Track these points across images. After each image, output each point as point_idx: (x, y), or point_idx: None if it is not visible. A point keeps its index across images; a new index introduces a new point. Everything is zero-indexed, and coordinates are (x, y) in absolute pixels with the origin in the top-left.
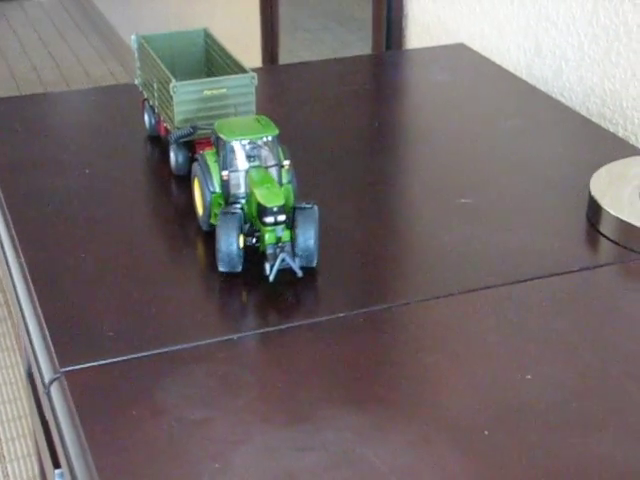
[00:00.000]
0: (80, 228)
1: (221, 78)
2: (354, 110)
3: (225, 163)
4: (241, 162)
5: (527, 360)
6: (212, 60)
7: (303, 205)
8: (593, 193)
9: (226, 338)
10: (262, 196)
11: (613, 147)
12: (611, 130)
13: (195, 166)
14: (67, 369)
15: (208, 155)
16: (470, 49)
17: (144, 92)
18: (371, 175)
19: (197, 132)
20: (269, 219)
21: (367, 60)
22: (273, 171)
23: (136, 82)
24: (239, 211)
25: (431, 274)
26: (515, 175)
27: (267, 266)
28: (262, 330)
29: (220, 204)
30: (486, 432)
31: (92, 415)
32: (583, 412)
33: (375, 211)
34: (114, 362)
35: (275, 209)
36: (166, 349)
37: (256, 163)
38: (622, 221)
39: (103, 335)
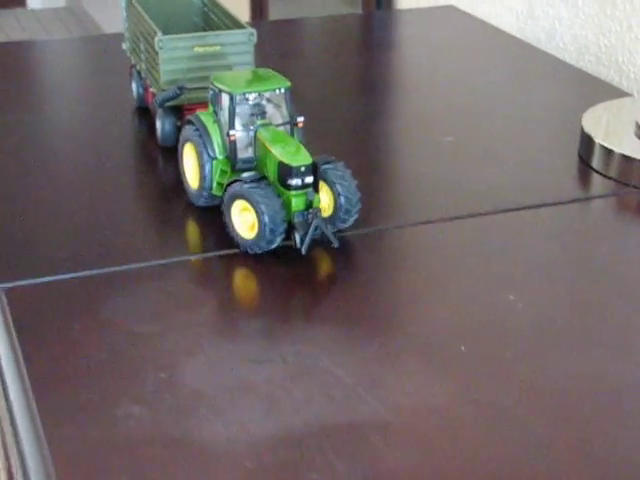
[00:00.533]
0: (46, 161)
1: (215, 33)
2: (346, 62)
3: (231, 121)
4: (248, 120)
5: (510, 282)
6: (210, 23)
7: (329, 160)
8: (585, 128)
9: (184, 259)
10: (284, 155)
11: (606, 92)
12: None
13: (186, 130)
14: (8, 285)
15: (204, 115)
16: (461, 10)
17: (131, 57)
18: (361, 117)
19: (184, 94)
20: (296, 181)
21: (357, 18)
22: (284, 130)
23: (123, 47)
24: (262, 176)
25: (415, 202)
26: (505, 118)
27: (297, 237)
28: (224, 252)
29: (225, 172)
30: (463, 348)
31: (30, 329)
32: (568, 330)
33: (364, 148)
34: (60, 279)
35: (303, 169)
36: (117, 268)
37: (265, 121)
38: (615, 153)
39: (52, 255)
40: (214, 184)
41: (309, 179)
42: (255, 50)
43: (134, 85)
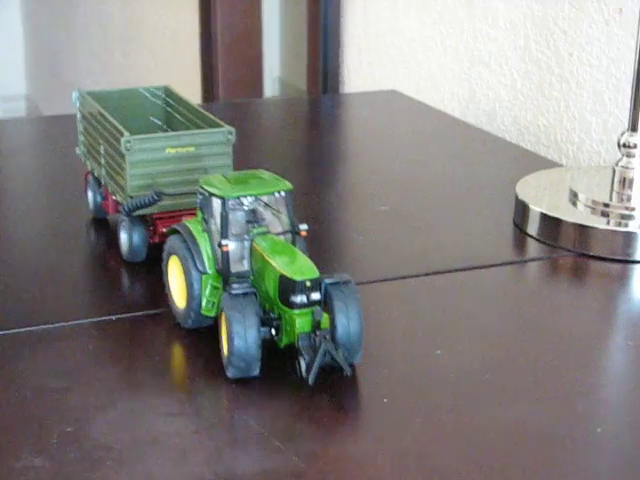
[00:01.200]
0: None
1: (190, 132)
2: (294, 139)
3: (224, 229)
4: (243, 228)
5: (439, 338)
6: (172, 123)
7: (336, 279)
8: (520, 196)
9: (104, 319)
10: (286, 267)
11: (544, 165)
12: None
13: (171, 241)
14: None
15: (192, 224)
16: (405, 95)
17: (87, 163)
18: (304, 189)
19: (162, 200)
20: (300, 298)
21: (306, 101)
22: (285, 240)
23: (77, 152)
24: (252, 290)
25: (347, 266)
26: (441, 189)
27: (302, 363)
28: (140, 313)
29: (216, 288)
30: (385, 400)
31: None
32: (496, 382)
33: (304, 216)
34: None
35: (308, 284)
36: (36, 327)
37: (263, 229)
38: (549, 218)
39: None
40: (204, 303)
41: (316, 295)
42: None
43: (90, 194)
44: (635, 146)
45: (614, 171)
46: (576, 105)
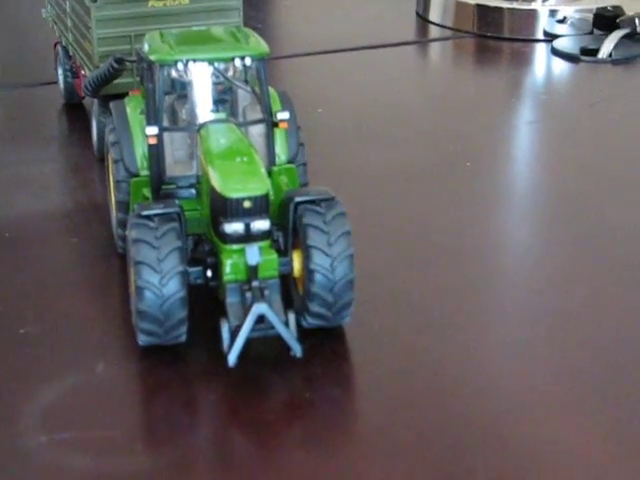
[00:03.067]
0: None
1: None
2: None
3: (152, 109)
4: (192, 112)
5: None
6: None
7: (310, 195)
8: None
9: None
10: (222, 176)
11: None
12: None
13: (107, 123)
14: None
15: (131, 102)
16: None
17: (55, 27)
18: None
19: (124, 70)
20: (232, 226)
21: None
22: (255, 134)
23: (44, 14)
24: (174, 209)
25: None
26: None
27: (224, 331)
28: None
29: (147, 198)
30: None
31: None
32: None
33: None
34: None
35: (247, 204)
36: None
37: (221, 114)
38: (449, 1)
39: None
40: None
41: (259, 224)
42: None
43: (60, 71)
44: None
45: None
46: None
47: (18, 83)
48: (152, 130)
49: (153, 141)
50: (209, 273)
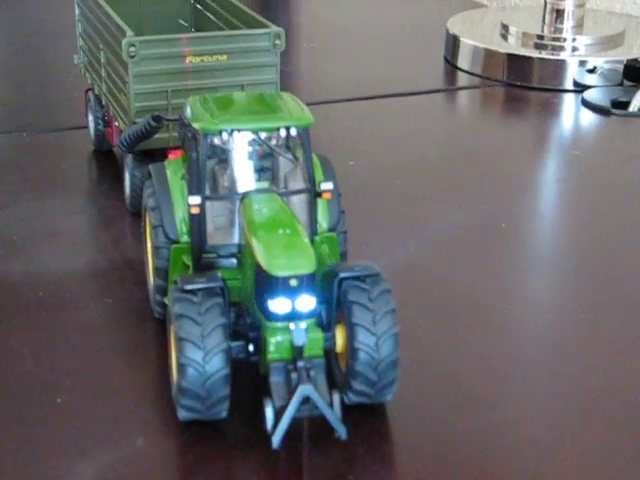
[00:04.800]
0: None
1: (219, 34)
2: None
3: (196, 178)
4: (233, 181)
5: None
6: (205, 22)
7: (355, 271)
8: (451, 31)
9: None
10: (268, 252)
11: (469, 6)
12: None
13: (147, 189)
14: None
15: (171, 164)
16: None
17: (87, 75)
18: None
19: (162, 127)
20: (278, 305)
21: None
22: (298, 204)
23: (75, 60)
24: (218, 284)
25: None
26: (372, 30)
27: (268, 412)
28: None
29: (187, 266)
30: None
31: None
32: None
33: None
34: None
35: (293, 282)
36: None
37: (263, 184)
38: (479, 49)
39: None
40: (169, 286)
41: (305, 303)
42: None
43: (91, 118)
44: None
45: (545, 3)
46: None
47: (48, 127)
48: (195, 200)
49: (196, 211)
50: (251, 348)
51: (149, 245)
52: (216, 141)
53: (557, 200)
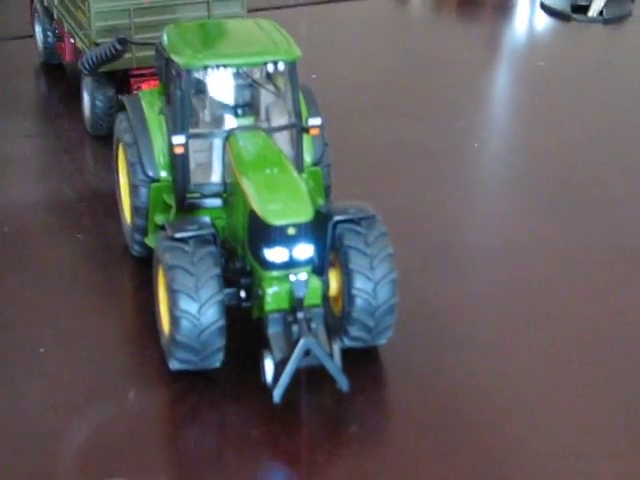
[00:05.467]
0: None
1: None
2: None
3: (179, 118)
4: (215, 116)
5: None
6: None
7: (350, 213)
8: None
9: None
10: (262, 196)
11: None
12: None
13: (119, 120)
14: None
15: (147, 96)
16: None
17: None
18: None
19: (127, 51)
20: (276, 254)
21: None
22: (282, 139)
23: None
24: (209, 230)
25: None
26: None
27: (265, 365)
28: None
29: (168, 206)
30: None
31: None
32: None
33: None
34: None
35: (291, 231)
36: None
37: (248, 119)
38: None
39: None
40: (151, 226)
41: (303, 252)
42: None
43: (38, 30)
44: None
45: None
46: None
47: None
48: (179, 139)
49: (180, 150)
50: (243, 294)
51: (123, 181)
52: (199, 76)
53: (527, 113)
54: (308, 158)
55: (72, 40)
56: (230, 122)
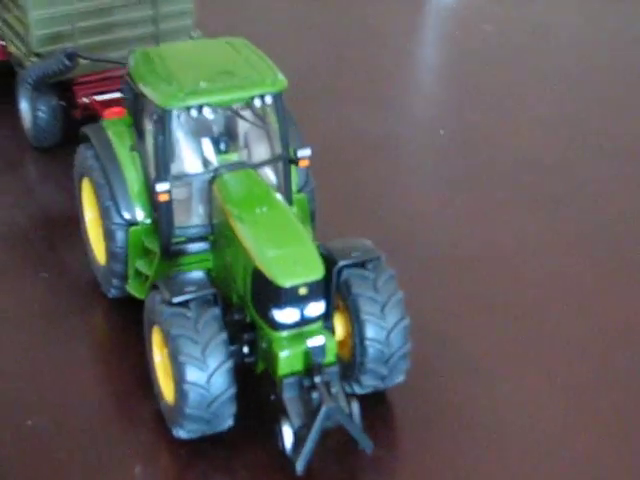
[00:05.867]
0: None
1: None
2: None
3: (163, 162)
4: (197, 154)
5: None
6: None
7: (354, 257)
8: None
9: None
10: (267, 253)
11: None
12: None
13: (82, 152)
14: None
15: (110, 127)
16: None
17: None
18: None
19: (76, 65)
20: (288, 314)
21: None
22: (267, 170)
23: None
24: (211, 292)
25: None
26: None
27: (284, 434)
28: None
29: (146, 249)
30: None
31: None
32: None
33: None
34: None
35: (303, 291)
36: None
37: (231, 155)
38: None
39: None
40: (130, 276)
41: (315, 310)
42: None
43: None
44: None
45: None
46: None
47: None
48: (164, 186)
49: (165, 198)
50: (246, 350)
51: (90, 217)
52: (180, 116)
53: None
54: (293, 186)
55: (3, 42)
56: (213, 159)
